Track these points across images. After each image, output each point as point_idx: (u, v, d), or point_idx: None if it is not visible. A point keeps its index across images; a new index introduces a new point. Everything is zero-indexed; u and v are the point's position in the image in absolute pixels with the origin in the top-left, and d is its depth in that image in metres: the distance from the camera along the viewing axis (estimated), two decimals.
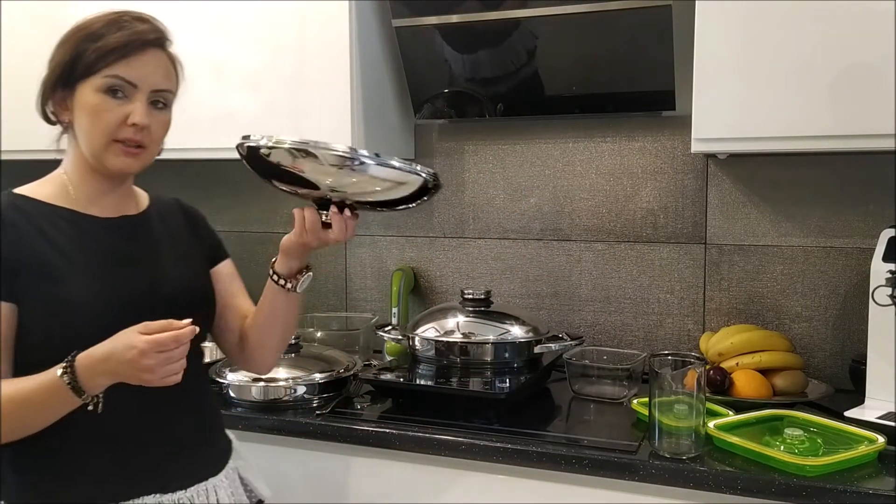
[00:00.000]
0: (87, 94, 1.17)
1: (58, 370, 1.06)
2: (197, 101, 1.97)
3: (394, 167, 1.17)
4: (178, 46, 2.03)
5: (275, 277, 1.29)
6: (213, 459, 1.31)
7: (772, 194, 1.85)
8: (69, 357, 1.07)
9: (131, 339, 1.05)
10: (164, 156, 2.07)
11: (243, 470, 1.38)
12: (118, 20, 1.19)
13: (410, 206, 1.26)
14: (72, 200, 1.23)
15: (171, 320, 1.07)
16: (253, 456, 1.65)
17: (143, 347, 1.03)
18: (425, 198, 1.25)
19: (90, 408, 1.08)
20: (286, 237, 1.27)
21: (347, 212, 1.23)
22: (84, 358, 1.07)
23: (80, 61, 1.17)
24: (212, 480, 1.28)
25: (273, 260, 1.30)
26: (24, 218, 1.18)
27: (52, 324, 1.14)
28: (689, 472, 1.34)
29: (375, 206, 1.28)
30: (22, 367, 1.13)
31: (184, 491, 1.23)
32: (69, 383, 1.06)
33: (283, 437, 1.62)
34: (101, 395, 1.08)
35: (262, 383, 1.67)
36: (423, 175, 1.20)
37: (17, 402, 1.08)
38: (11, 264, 1.14)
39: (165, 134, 1.26)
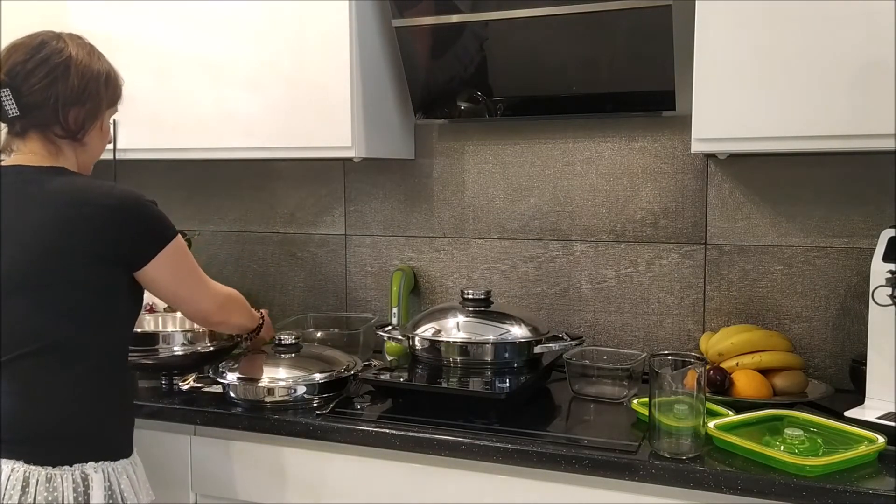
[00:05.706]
0: (107, 118, 1.52)
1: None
2: (196, 101, 1.99)
3: None
4: (178, 46, 2.04)
5: None
6: None
7: (772, 194, 1.85)
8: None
9: None
10: (164, 156, 2.09)
11: None
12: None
13: None
14: None
15: None
16: (253, 456, 1.65)
17: None
18: None
19: None
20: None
21: None
22: None
23: (117, 91, 1.51)
24: None
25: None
26: None
27: None
28: (689, 472, 1.34)
29: None
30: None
31: None
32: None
33: (283, 437, 1.61)
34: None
35: (262, 383, 1.67)
36: None
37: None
38: None
39: None
